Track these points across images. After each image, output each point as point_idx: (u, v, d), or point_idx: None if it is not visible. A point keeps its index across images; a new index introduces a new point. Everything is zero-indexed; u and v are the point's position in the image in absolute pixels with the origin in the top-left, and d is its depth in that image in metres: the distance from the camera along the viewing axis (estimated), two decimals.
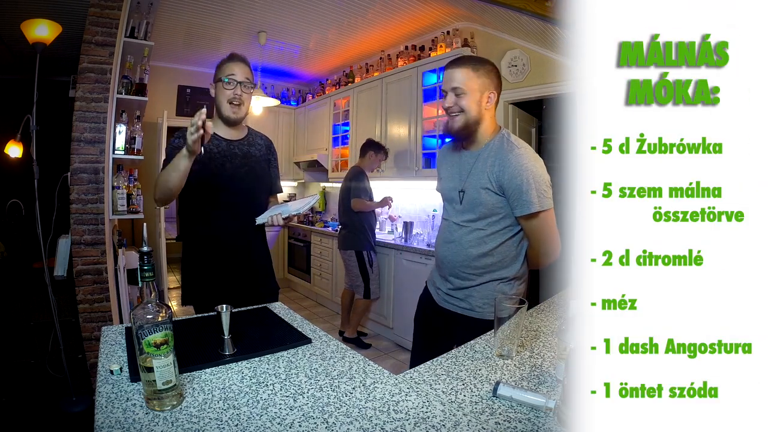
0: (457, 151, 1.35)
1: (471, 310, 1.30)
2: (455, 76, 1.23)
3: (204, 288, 1.45)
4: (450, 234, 1.33)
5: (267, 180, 1.56)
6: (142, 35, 2.50)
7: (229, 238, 1.44)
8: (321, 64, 4.48)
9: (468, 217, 1.28)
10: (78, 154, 2.18)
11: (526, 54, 2.90)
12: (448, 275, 1.35)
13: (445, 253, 1.35)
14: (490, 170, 1.23)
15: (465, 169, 1.29)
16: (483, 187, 1.23)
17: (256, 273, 1.53)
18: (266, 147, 1.58)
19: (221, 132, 1.46)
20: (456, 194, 1.31)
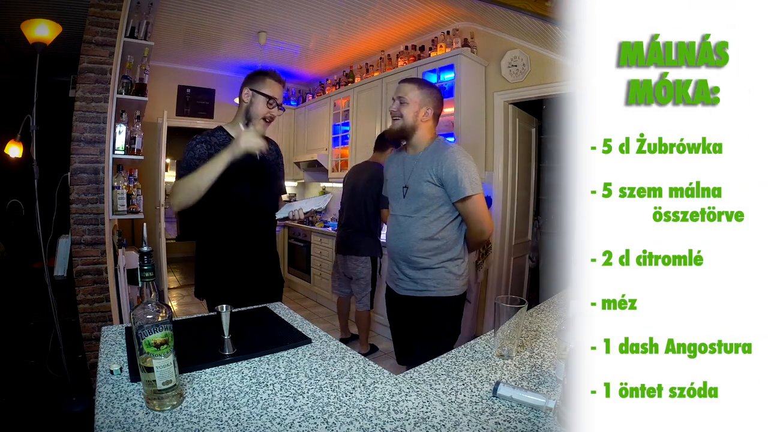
0: (400, 155, 1.62)
1: (426, 290, 1.53)
2: (402, 89, 1.53)
3: (218, 283, 1.52)
4: (398, 226, 1.57)
5: (278, 182, 1.69)
6: (142, 35, 2.49)
7: (246, 233, 1.53)
8: (321, 64, 4.48)
9: (413, 207, 1.52)
10: (78, 154, 2.18)
11: (526, 54, 2.90)
12: (401, 263, 1.57)
13: (396, 243, 1.57)
14: (430, 166, 1.49)
15: (408, 169, 1.55)
16: (425, 180, 1.49)
17: (269, 265, 1.64)
18: (276, 151, 1.70)
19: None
20: (400, 190, 1.56)
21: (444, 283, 1.51)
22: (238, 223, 1.50)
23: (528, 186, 3.54)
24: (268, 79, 1.49)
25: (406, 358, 1.70)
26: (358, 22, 3.40)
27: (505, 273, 3.29)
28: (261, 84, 1.48)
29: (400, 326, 1.70)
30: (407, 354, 1.68)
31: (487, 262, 3.15)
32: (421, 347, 1.53)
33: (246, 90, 1.50)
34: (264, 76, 1.51)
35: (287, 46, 3.97)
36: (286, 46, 3.98)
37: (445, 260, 1.51)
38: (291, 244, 4.83)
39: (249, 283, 1.52)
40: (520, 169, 3.33)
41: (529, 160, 3.53)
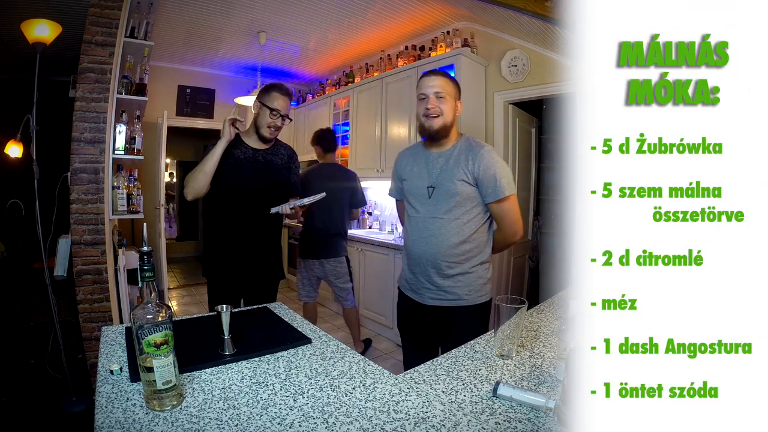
0: (419, 153, 1.51)
1: (459, 299, 1.41)
2: (437, 83, 1.41)
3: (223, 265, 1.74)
4: (427, 228, 1.44)
5: (286, 185, 1.82)
6: (142, 35, 2.49)
7: (246, 226, 1.72)
8: (321, 64, 4.48)
9: (442, 208, 1.41)
10: (78, 154, 2.18)
11: (526, 54, 2.90)
12: (428, 270, 1.43)
13: (424, 249, 1.44)
14: (465, 165, 1.40)
15: (434, 167, 1.45)
16: (459, 179, 1.39)
17: (265, 256, 1.79)
18: (288, 156, 1.85)
19: (251, 142, 1.75)
20: (425, 190, 1.45)
21: (476, 290, 1.42)
22: (236, 215, 1.71)
23: (528, 186, 3.54)
24: (273, 92, 1.69)
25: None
26: (358, 22, 3.40)
27: (505, 273, 3.29)
28: (267, 97, 1.69)
29: (419, 337, 1.55)
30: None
31: None
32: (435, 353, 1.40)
33: (256, 103, 1.73)
34: (270, 89, 1.71)
35: (287, 46, 3.97)
36: (286, 46, 3.98)
37: (476, 264, 1.42)
38: (291, 244, 4.83)
39: (247, 270, 1.73)
40: (520, 169, 3.33)
41: (529, 160, 3.53)
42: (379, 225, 4.04)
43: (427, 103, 1.39)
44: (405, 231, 1.55)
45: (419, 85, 1.44)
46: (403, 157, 1.59)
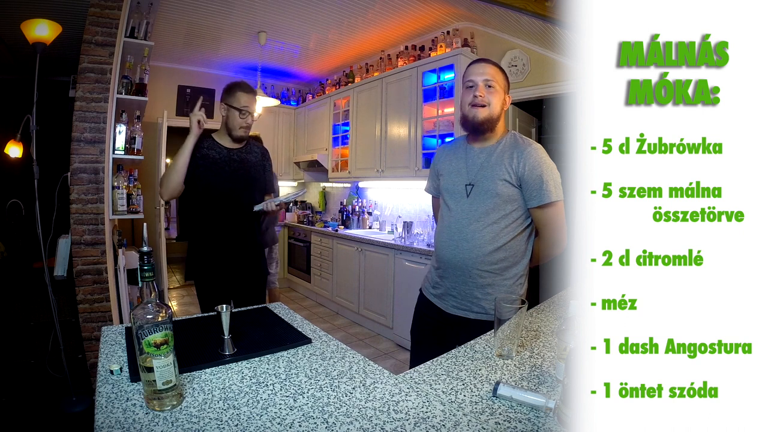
0: (460, 148, 1.39)
1: (484, 314, 1.28)
2: (488, 71, 1.28)
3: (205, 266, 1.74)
4: (460, 231, 1.30)
5: (261, 182, 1.83)
6: (142, 35, 2.49)
7: (226, 225, 1.72)
8: (321, 64, 4.48)
9: (480, 209, 1.28)
10: (78, 154, 2.18)
11: (526, 54, 2.90)
12: (458, 277, 1.30)
13: (456, 253, 1.30)
14: (508, 163, 1.27)
15: (474, 163, 1.32)
16: (501, 178, 1.26)
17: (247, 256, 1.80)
18: (261, 154, 1.86)
19: (224, 142, 1.74)
20: (463, 188, 1.32)
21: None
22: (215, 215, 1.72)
23: None
24: (237, 92, 1.69)
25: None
26: (358, 22, 3.40)
27: None
28: (232, 98, 1.68)
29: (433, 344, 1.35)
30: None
31: None
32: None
33: (222, 105, 1.71)
34: (234, 89, 1.70)
35: (287, 46, 3.97)
36: (286, 46, 3.98)
37: (510, 276, 1.29)
38: (291, 244, 4.83)
39: (231, 270, 1.74)
40: None
41: None
42: (379, 225, 4.04)
43: (475, 90, 1.27)
44: (436, 231, 1.42)
45: (467, 72, 1.31)
46: (443, 151, 1.46)
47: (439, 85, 3.11)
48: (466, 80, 1.30)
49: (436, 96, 3.11)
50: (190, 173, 1.66)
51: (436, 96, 3.11)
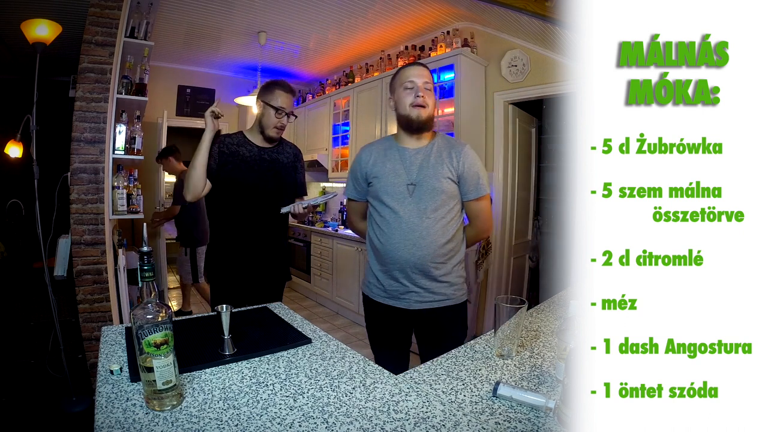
0: (390, 149, 1.42)
1: (446, 300, 1.38)
2: (425, 74, 1.37)
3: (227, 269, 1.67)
4: (413, 230, 1.34)
5: (292, 184, 1.76)
6: (142, 35, 2.49)
7: (252, 227, 1.66)
8: (321, 64, 4.48)
9: (429, 206, 1.34)
10: (78, 154, 2.17)
11: (526, 54, 2.90)
12: (414, 275, 1.35)
13: (412, 251, 1.34)
14: (449, 162, 1.36)
15: (413, 164, 1.37)
16: (445, 176, 1.35)
17: (271, 259, 1.72)
18: (294, 155, 1.80)
19: (255, 140, 1.68)
20: (404, 188, 1.36)
21: (459, 289, 1.40)
22: (242, 216, 1.64)
23: (528, 186, 3.54)
24: (277, 90, 1.62)
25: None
26: (358, 22, 3.40)
27: (505, 273, 3.29)
28: (270, 96, 1.62)
29: (404, 343, 1.48)
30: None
31: (487, 262, 3.15)
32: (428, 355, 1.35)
33: (259, 102, 1.65)
34: (273, 87, 1.63)
35: (287, 46, 3.97)
36: (286, 46, 3.98)
37: (456, 263, 1.40)
38: (291, 244, 4.83)
39: (250, 272, 1.66)
40: (520, 169, 3.33)
41: (529, 160, 3.53)
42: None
43: (417, 91, 1.34)
44: (375, 234, 1.41)
45: (405, 74, 1.37)
46: (369, 153, 1.45)
47: (439, 85, 3.11)
48: (404, 82, 1.36)
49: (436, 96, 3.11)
50: (218, 170, 1.60)
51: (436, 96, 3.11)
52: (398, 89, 1.38)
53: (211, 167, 1.60)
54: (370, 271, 1.45)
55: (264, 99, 1.63)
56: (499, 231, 3.19)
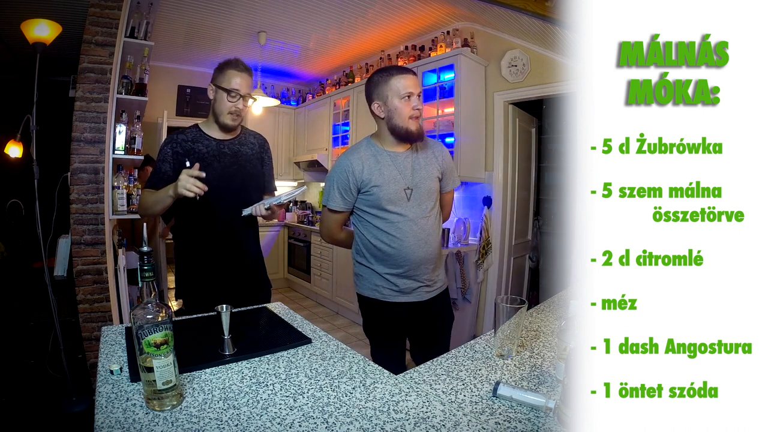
0: (380, 156, 1.40)
1: (443, 285, 1.52)
2: (419, 82, 1.43)
3: (196, 285, 1.47)
4: (422, 230, 1.40)
5: (259, 179, 1.55)
6: (142, 35, 2.49)
7: (219, 235, 1.45)
8: (321, 64, 4.48)
9: (426, 206, 1.42)
10: (78, 154, 2.17)
11: (526, 54, 2.90)
12: (428, 270, 1.44)
13: (425, 249, 1.41)
14: (434, 161, 1.45)
15: (406, 168, 1.40)
16: (435, 176, 1.45)
17: (247, 271, 1.54)
18: (259, 145, 1.57)
19: (212, 132, 1.47)
20: (403, 193, 1.39)
21: (443, 273, 1.55)
22: (205, 222, 1.43)
23: (528, 186, 3.54)
24: (228, 71, 1.41)
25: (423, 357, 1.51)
26: (358, 22, 3.40)
27: (505, 273, 3.29)
28: (222, 77, 1.41)
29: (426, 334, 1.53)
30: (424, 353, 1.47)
31: (487, 262, 3.15)
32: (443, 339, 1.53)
33: (211, 86, 1.44)
34: (225, 68, 1.42)
35: (287, 46, 3.97)
36: (286, 46, 3.98)
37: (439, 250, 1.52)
38: (291, 244, 4.83)
39: (223, 286, 1.45)
40: (520, 169, 3.33)
41: (529, 160, 3.53)
42: None
43: (414, 102, 1.34)
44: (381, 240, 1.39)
45: (402, 82, 1.34)
46: (359, 162, 1.38)
47: (439, 85, 3.11)
48: (402, 91, 1.33)
49: (436, 96, 3.11)
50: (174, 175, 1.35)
51: (436, 96, 3.11)
52: (393, 98, 1.34)
53: (167, 174, 1.38)
54: (375, 275, 1.43)
55: (215, 82, 1.42)
56: (499, 231, 3.19)
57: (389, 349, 1.49)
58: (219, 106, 1.42)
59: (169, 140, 1.44)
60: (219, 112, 1.43)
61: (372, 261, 1.42)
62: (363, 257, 1.45)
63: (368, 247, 1.43)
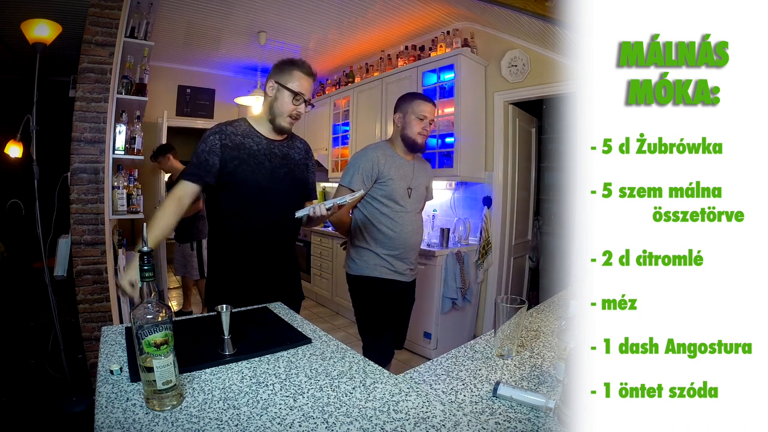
0: (394, 157, 1.75)
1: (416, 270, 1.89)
2: (435, 111, 1.75)
3: (233, 289, 1.38)
4: (415, 222, 1.80)
5: (305, 184, 1.50)
6: (142, 35, 2.49)
7: (265, 236, 1.39)
8: (321, 64, 4.48)
9: (419, 205, 1.84)
10: (78, 154, 2.17)
11: (526, 54, 2.90)
12: (414, 255, 1.81)
13: (417, 238, 1.82)
14: (426, 174, 1.87)
15: (408, 172, 1.77)
16: (425, 185, 1.86)
17: (284, 279, 1.47)
18: (305, 151, 1.53)
19: (263, 130, 1.40)
20: (405, 191, 1.75)
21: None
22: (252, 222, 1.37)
23: (528, 186, 3.54)
24: (296, 72, 1.35)
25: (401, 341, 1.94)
26: (358, 22, 3.40)
27: (505, 273, 3.29)
28: (288, 77, 1.35)
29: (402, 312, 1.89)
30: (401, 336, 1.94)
31: (487, 262, 3.15)
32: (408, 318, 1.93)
33: (271, 82, 1.37)
34: (292, 67, 1.36)
35: (287, 46, 3.97)
36: (286, 46, 3.99)
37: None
38: None
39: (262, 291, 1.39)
40: (520, 169, 3.33)
41: (529, 160, 3.53)
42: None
43: (426, 125, 1.72)
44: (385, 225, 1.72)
45: (421, 107, 1.70)
46: (383, 156, 1.72)
47: (439, 85, 3.11)
48: (418, 112, 1.70)
49: (436, 96, 3.11)
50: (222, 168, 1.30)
51: (436, 96, 3.11)
52: (410, 115, 1.71)
53: (212, 165, 1.30)
54: (374, 255, 1.73)
55: (279, 80, 1.35)
56: (499, 231, 3.19)
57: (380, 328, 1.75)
58: (280, 107, 1.36)
59: (217, 130, 1.34)
60: (279, 112, 1.36)
61: (373, 243, 1.74)
62: (365, 240, 1.75)
63: (371, 232, 1.74)
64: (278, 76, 1.36)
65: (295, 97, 1.34)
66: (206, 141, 1.32)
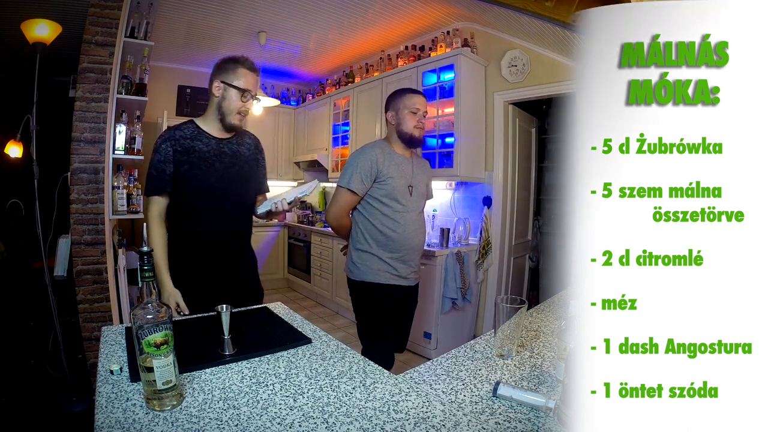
0: (392, 155, 1.69)
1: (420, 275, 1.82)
2: (426, 102, 1.71)
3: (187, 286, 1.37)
4: (417, 221, 1.72)
5: (256, 180, 1.52)
6: (142, 35, 2.49)
7: (215, 237, 1.40)
8: (321, 64, 4.48)
9: (421, 204, 1.76)
10: (78, 154, 2.18)
11: (526, 54, 2.90)
12: (417, 257, 1.74)
13: (420, 239, 1.74)
14: (425, 172, 1.81)
15: (407, 170, 1.70)
16: (426, 183, 1.78)
17: (242, 275, 1.50)
18: (254, 146, 1.53)
19: (212, 130, 1.41)
20: (406, 189, 1.68)
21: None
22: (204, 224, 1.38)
23: (528, 186, 3.54)
24: (240, 69, 1.37)
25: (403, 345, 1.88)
26: (358, 22, 3.40)
27: (505, 273, 3.29)
28: (233, 75, 1.36)
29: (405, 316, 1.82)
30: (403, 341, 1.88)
31: (487, 262, 3.15)
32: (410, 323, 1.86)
33: (217, 82, 1.37)
34: (236, 65, 1.37)
35: (287, 46, 3.97)
36: (286, 46, 3.99)
37: None
38: (291, 244, 4.83)
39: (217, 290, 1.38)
40: (520, 169, 3.33)
41: (529, 160, 3.53)
42: None
43: (421, 117, 1.67)
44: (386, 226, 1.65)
45: (411, 100, 1.66)
46: (381, 154, 1.66)
47: (439, 85, 3.11)
48: (412, 106, 1.66)
49: (436, 96, 3.11)
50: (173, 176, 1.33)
51: (436, 96, 3.11)
52: (402, 110, 1.67)
53: (166, 173, 1.33)
54: (377, 260, 1.66)
55: (225, 79, 1.36)
56: (499, 231, 3.19)
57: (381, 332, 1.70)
58: (228, 105, 1.37)
59: (167, 137, 1.36)
60: (228, 111, 1.37)
61: (375, 246, 1.66)
62: (366, 244, 1.68)
63: (373, 234, 1.67)
64: (223, 75, 1.37)
65: (242, 95, 1.37)
66: (159, 151, 1.35)
